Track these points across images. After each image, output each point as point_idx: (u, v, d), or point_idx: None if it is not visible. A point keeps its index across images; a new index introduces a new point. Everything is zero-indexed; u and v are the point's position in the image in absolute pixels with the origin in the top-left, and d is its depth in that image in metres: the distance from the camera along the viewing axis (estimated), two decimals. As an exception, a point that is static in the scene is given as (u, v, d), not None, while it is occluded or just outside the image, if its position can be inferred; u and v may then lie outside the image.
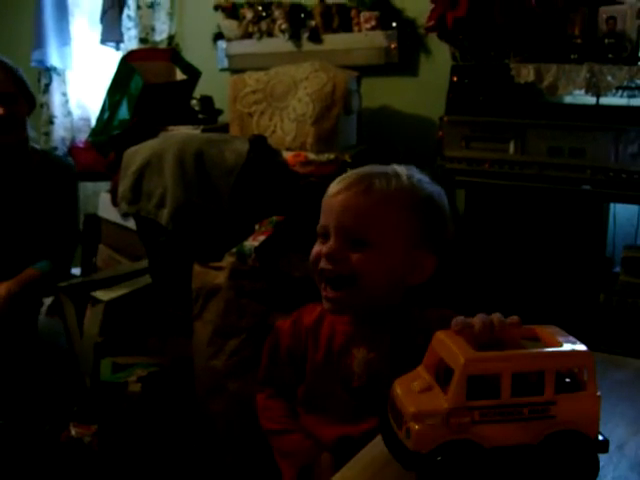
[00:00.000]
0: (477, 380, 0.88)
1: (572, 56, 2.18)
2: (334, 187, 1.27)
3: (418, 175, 1.30)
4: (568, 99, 2.23)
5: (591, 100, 2.15)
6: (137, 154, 2.39)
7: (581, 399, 0.89)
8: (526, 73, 2.22)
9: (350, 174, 1.29)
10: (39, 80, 4.05)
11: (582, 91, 2.13)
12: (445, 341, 0.92)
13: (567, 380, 0.91)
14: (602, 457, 0.90)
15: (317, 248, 1.28)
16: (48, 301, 2.81)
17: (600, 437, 0.90)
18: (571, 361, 0.91)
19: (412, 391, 0.93)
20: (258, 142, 2.27)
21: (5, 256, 2.64)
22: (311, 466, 1.31)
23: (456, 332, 0.93)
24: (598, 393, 0.90)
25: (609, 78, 2.08)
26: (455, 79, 2.35)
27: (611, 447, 0.91)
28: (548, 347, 0.91)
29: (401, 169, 1.29)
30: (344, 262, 1.23)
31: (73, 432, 2.28)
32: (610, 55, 2.11)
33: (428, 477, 0.88)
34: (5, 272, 2.57)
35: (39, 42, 3.98)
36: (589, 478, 0.90)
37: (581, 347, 0.90)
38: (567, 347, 0.90)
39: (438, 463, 0.87)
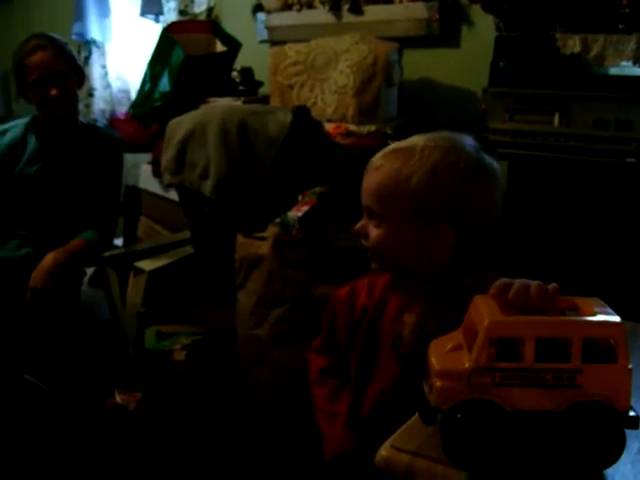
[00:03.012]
0: (506, 344, 0.89)
1: (620, 26, 2.13)
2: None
3: (437, 142, 1.30)
4: (615, 70, 2.20)
5: (639, 71, 2.11)
6: (180, 125, 2.40)
7: (611, 371, 0.88)
8: (572, 44, 2.19)
9: (378, 153, 1.36)
10: (79, 53, 4.06)
11: (630, 62, 2.09)
12: (478, 304, 0.94)
13: (602, 352, 0.90)
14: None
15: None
16: (90, 272, 2.86)
17: (632, 412, 0.89)
18: (599, 331, 0.90)
19: (442, 350, 0.95)
20: (301, 113, 2.27)
21: (53, 226, 2.70)
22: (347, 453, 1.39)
23: (492, 297, 0.95)
24: (630, 366, 0.88)
25: (658, 49, 2.04)
26: (499, 50, 2.32)
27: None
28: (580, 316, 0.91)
29: (421, 139, 1.31)
30: (368, 238, 1.34)
31: (118, 399, 2.32)
32: (660, 25, 2.07)
33: (448, 434, 0.90)
34: (52, 242, 2.63)
35: (79, 15, 3.99)
36: (614, 452, 0.89)
37: (613, 318, 0.90)
38: (596, 317, 0.90)
39: (458, 420, 0.89)
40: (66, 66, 2.65)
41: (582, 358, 0.87)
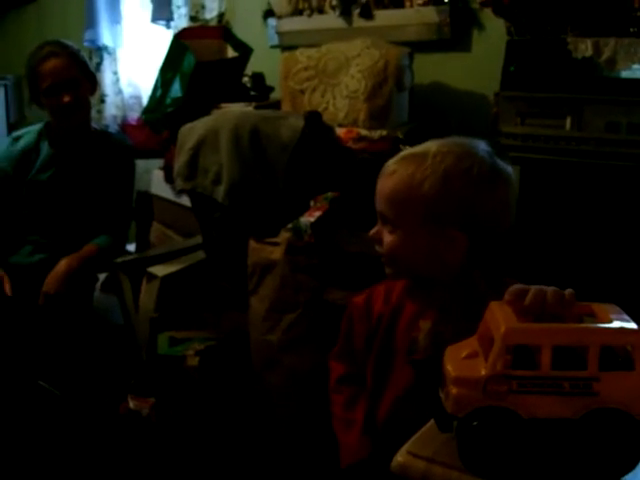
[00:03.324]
0: (522, 351, 0.88)
1: (632, 29, 2.13)
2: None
3: (450, 148, 1.30)
4: (626, 74, 2.19)
5: (651, 75, 2.11)
6: (193, 131, 2.41)
7: (628, 378, 0.88)
8: (584, 48, 2.19)
9: (392, 159, 1.36)
10: (90, 59, 4.07)
11: (641, 65, 2.09)
12: (494, 311, 0.94)
13: (620, 359, 0.90)
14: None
15: None
16: (102, 277, 2.87)
17: None
18: (616, 338, 0.90)
19: (458, 357, 0.95)
20: (313, 118, 2.27)
21: (66, 232, 2.72)
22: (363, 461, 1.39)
23: (508, 303, 0.94)
24: None
25: (670, 52, 2.04)
26: (511, 54, 2.32)
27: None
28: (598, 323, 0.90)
29: (434, 145, 1.32)
30: (382, 244, 1.35)
31: (131, 404, 2.33)
32: (672, 28, 2.07)
33: (465, 441, 0.90)
34: (65, 248, 2.64)
35: (91, 22, 4.01)
36: (631, 460, 0.88)
37: (630, 325, 0.89)
38: (613, 324, 0.89)
39: (474, 427, 0.89)
40: (79, 73, 2.67)
41: (599, 365, 0.87)
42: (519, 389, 0.88)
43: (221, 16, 3.62)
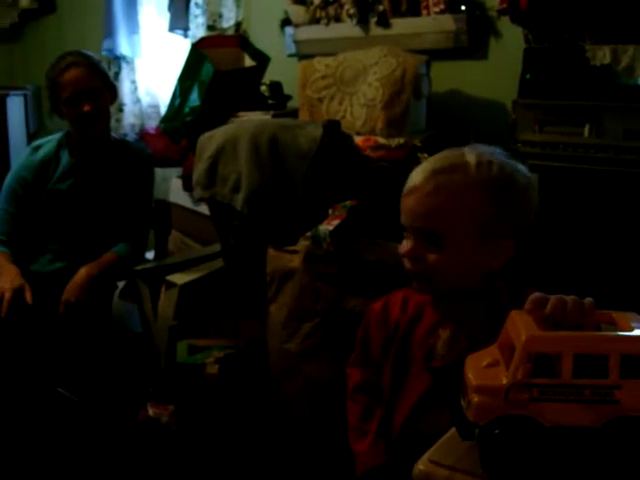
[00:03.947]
0: (543, 359, 0.88)
1: (650, 37, 2.13)
2: (407, 185, 1.31)
3: (492, 157, 1.29)
4: (645, 81, 2.19)
5: (669, 82, 2.11)
6: (212, 139, 2.42)
7: None
8: (602, 55, 2.18)
9: (421, 170, 1.31)
10: (109, 68, 4.10)
11: (660, 73, 2.09)
12: (515, 319, 0.94)
13: None
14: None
15: (402, 244, 1.33)
16: (121, 285, 2.89)
17: None
18: (637, 346, 0.89)
19: (479, 365, 0.95)
20: (332, 127, 2.28)
21: (85, 241, 2.74)
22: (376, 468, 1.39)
23: (528, 311, 0.94)
24: None
25: (689, 59, 2.04)
26: (529, 62, 2.33)
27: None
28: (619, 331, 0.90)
29: (471, 155, 1.29)
30: (422, 261, 1.29)
31: (150, 412, 2.34)
32: (691, 36, 2.07)
33: (486, 449, 0.90)
34: (84, 256, 2.66)
35: (109, 31, 4.05)
36: None
37: None
38: (635, 332, 0.89)
39: (495, 436, 0.89)
40: (100, 83, 2.69)
41: (620, 373, 0.87)
42: (540, 397, 0.88)
43: (238, 25, 3.64)
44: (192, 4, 3.74)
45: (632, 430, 0.88)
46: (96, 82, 2.67)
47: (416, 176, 1.30)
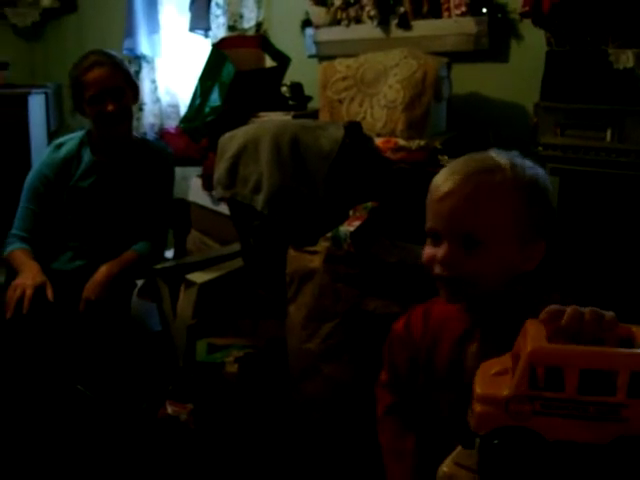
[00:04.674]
0: (552, 372, 0.87)
1: (674, 41, 2.12)
2: (439, 189, 1.27)
3: (519, 160, 1.29)
4: (668, 85, 2.18)
5: (693, 86, 2.10)
6: (233, 140, 2.43)
7: None
8: (625, 59, 2.17)
9: (452, 173, 1.28)
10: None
11: (684, 77, 2.08)
12: (528, 329, 0.92)
13: None
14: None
15: (429, 250, 1.29)
16: (139, 283, 2.90)
17: None
18: None
19: (488, 373, 0.94)
20: (353, 128, 2.29)
21: (106, 239, 2.75)
22: None
23: (543, 322, 0.93)
24: None
25: None
26: (551, 65, 2.32)
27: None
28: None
29: (501, 158, 1.28)
30: (459, 267, 1.24)
31: (169, 410, 2.35)
32: None
33: (485, 459, 0.89)
34: (105, 254, 2.68)
35: (130, 31, 4.08)
36: None
37: None
38: None
39: (494, 446, 0.88)
40: (123, 82, 2.71)
41: (629, 391, 0.85)
42: (543, 410, 0.86)
43: (259, 25, 3.66)
44: (213, 4, 3.76)
45: (636, 450, 0.86)
46: (119, 81, 2.69)
47: (447, 181, 1.26)
